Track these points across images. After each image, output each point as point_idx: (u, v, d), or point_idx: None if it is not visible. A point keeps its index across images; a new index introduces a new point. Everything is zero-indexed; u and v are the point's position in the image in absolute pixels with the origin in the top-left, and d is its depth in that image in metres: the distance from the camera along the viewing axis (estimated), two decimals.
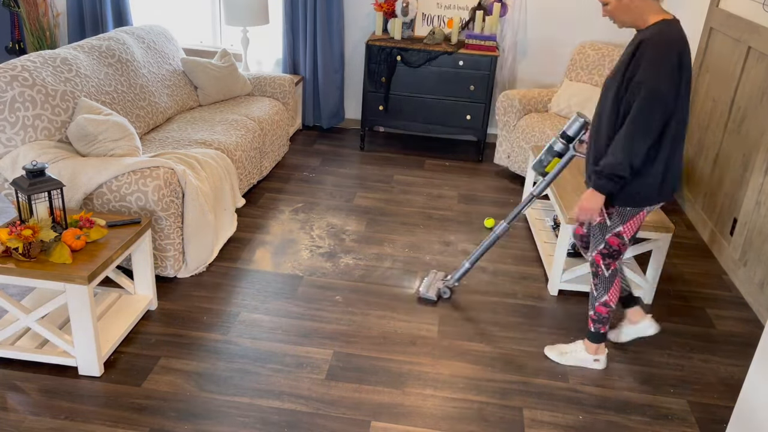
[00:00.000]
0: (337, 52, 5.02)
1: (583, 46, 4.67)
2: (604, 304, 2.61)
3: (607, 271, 2.56)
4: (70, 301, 2.34)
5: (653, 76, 2.16)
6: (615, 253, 2.51)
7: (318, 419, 2.34)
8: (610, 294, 2.59)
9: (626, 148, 2.23)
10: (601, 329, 2.66)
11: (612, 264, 2.54)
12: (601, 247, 2.53)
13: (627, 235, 2.47)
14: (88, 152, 3.01)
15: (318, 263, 3.35)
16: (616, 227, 2.46)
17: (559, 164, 2.77)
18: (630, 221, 2.44)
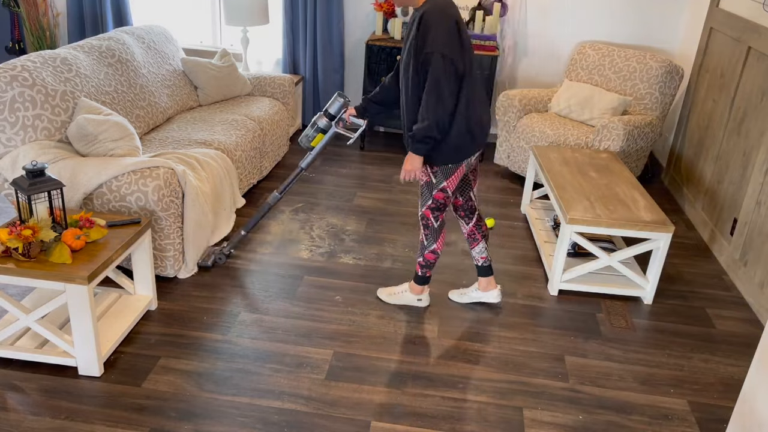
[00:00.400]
0: (337, 52, 5.02)
1: (583, 46, 4.67)
2: (432, 252, 2.89)
3: (436, 223, 2.82)
4: (70, 301, 2.34)
5: (439, 44, 2.39)
6: (441, 206, 2.77)
7: (318, 419, 2.34)
8: (437, 243, 2.87)
9: (431, 112, 2.46)
10: (426, 273, 2.97)
11: (440, 216, 2.80)
12: (429, 203, 2.77)
13: (450, 189, 2.72)
14: (88, 152, 3.01)
15: (318, 263, 3.35)
16: (441, 183, 2.70)
17: (323, 139, 3.02)
18: (452, 176, 2.68)
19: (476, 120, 2.58)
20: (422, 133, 2.49)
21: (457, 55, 2.43)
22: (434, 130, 2.48)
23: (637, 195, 3.32)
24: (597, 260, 3.15)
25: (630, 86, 4.39)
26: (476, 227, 2.96)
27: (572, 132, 4.18)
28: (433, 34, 2.39)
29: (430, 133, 2.49)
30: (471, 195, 2.90)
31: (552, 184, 3.39)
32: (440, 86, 2.43)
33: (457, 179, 2.69)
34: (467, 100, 2.53)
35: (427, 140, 2.52)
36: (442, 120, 2.48)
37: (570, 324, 3.00)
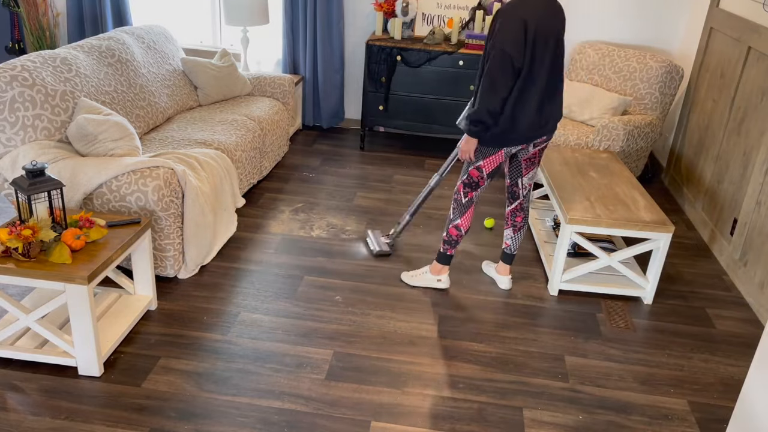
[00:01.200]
0: (337, 52, 5.02)
1: (583, 46, 4.67)
2: (456, 227, 3.03)
3: (464, 198, 2.98)
4: (70, 301, 2.34)
5: (501, 40, 2.57)
6: (474, 184, 2.93)
7: (318, 419, 2.34)
8: (462, 219, 3.01)
9: (482, 99, 2.65)
10: (448, 251, 3.10)
11: (470, 193, 2.96)
12: (464, 177, 2.95)
13: (486, 170, 2.89)
14: (88, 152, 3.01)
15: (318, 263, 3.35)
16: (478, 162, 2.88)
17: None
18: (489, 158, 2.85)
19: (524, 116, 2.73)
20: (474, 117, 2.70)
21: (518, 53, 2.58)
22: (485, 115, 2.67)
23: (637, 195, 3.32)
24: (597, 260, 3.15)
25: (630, 86, 4.39)
26: (512, 213, 3.14)
27: (572, 132, 4.18)
28: (500, 31, 2.59)
29: (480, 117, 2.68)
30: (519, 182, 3.04)
31: (552, 184, 3.39)
32: (494, 78, 2.60)
33: (493, 163, 2.86)
34: (520, 95, 2.68)
35: (478, 124, 2.70)
36: (494, 108, 2.65)
37: (570, 324, 3.00)
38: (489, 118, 2.68)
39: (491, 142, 2.79)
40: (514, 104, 2.69)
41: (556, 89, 2.78)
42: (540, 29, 2.60)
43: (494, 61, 2.59)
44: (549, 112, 2.79)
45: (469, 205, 2.98)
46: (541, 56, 2.64)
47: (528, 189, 3.07)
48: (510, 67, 2.59)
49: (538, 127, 2.78)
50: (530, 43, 2.59)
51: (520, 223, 3.14)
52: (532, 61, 2.63)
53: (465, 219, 3.01)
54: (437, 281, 3.18)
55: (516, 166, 3.00)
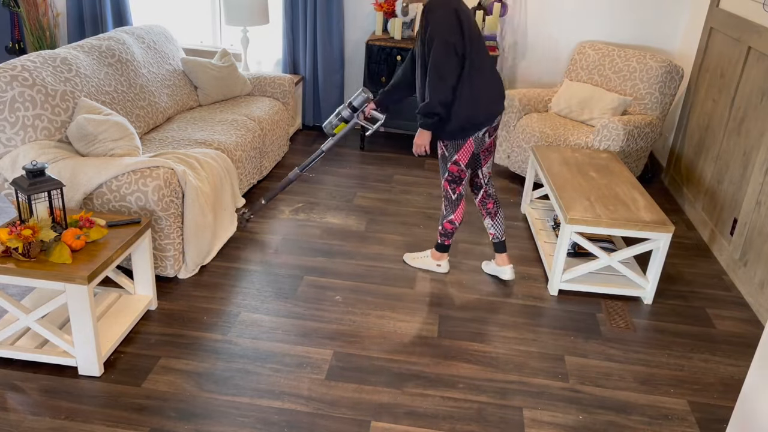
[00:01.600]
0: (337, 52, 5.02)
1: (583, 46, 4.67)
2: (450, 222, 3.17)
3: (453, 195, 3.08)
4: (70, 301, 2.34)
5: (440, 31, 2.69)
6: (457, 179, 3.03)
7: (318, 419, 2.34)
8: (455, 213, 3.14)
9: (433, 90, 2.74)
10: (445, 242, 3.27)
11: (457, 188, 3.06)
12: (446, 175, 3.05)
13: (462, 162, 2.98)
14: (88, 152, 3.01)
15: (318, 263, 3.35)
16: (453, 156, 2.97)
17: (345, 128, 3.30)
18: (461, 150, 2.94)
19: (479, 100, 2.83)
20: (426, 109, 2.80)
21: (458, 40, 2.70)
22: (437, 106, 2.77)
23: (637, 195, 3.32)
24: (597, 260, 3.15)
25: (630, 86, 4.39)
26: (482, 202, 3.23)
27: (572, 132, 4.18)
28: (435, 24, 2.70)
29: (433, 109, 2.78)
30: (479, 172, 3.15)
31: (552, 184, 3.39)
32: (441, 68, 2.71)
33: (467, 153, 2.96)
34: (470, 81, 2.79)
35: (431, 116, 2.81)
36: (445, 97, 2.75)
37: (570, 324, 3.00)
38: (441, 109, 2.78)
39: (458, 134, 2.89)
40: (469, 91, 2.80)
41: (493, 65, 2.94)
42: (466, 14, 2.77)
43: (437, 52, 2.70)
44: (500, 87, 2.93)
45: (460, 199, 3.10)
46: (476, 38, 2.79)
47: (488, 177, 3.21)
48: (454, 55, 2.71)
49: (497, 102, 2.90)
50: (466, 28, 2.74)
51: (493, 208, 3.23)
52: (471, 44, 2.76)
53: (458, 213, 3.14)
54: (437, 266, 3.34)
55: (475, 159, 3.12)
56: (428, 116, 2.81)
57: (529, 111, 4.53)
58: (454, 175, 3.01)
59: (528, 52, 5.01)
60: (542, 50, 4.99)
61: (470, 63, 2.78)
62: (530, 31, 4.94)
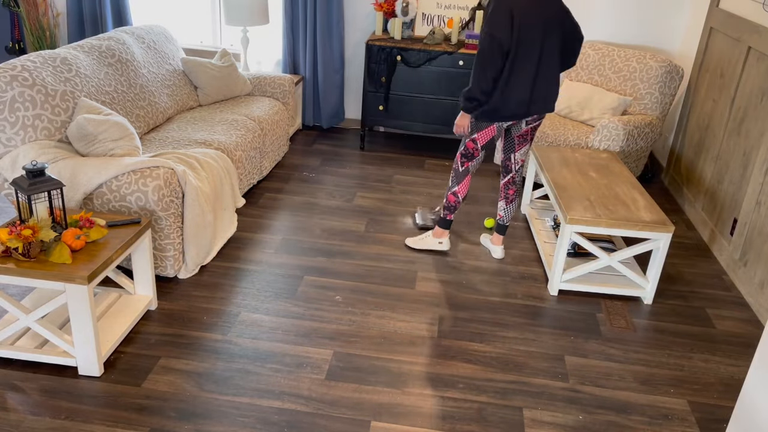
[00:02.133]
0: (337, 52, 5.02)
1: (583, 46, 4.67)
2: (454, 194, 3.39)
3: (461, 167, 3.32)
4: (70, 301, 2.34)
5: (489, 25, 2.88)
6: (470, 155, 3.27)
7: (318, 419, 2.34)
8: (460, 186, 3.36)
9: (474, 77, 2.96)
10: (447, 216, 3.45)
11: (466, 163, 3.30)
12: (462, 149, 3.29)
13: (480, 142, 3.22)
14: (88, 152, 3.01)
15: (318, 263, 3.35)
16: (473, 134, 3.21)
17: None
18: (482, 132, 3.18)
19: (509, 99, 3.02)
20: (467, 94, 3.01)
21: (505, 36, 2.87)
22: (477, 92, 2.98)
23: (637, 195, 3.32)
24: (597, 260, 3.15)
25: (630, 86, 4.39)
26: (505, 186, 3.44)
27: (572, 132, 4.18)
28: (488, 16, 2.90)
29: (473, 94, 2.99)
30: (511, 157, 3.35)
31: (552, 184, 3.39)
32: (484, 58, 2.91)
33: (487, 136, 3.19)
34: (509, 75, 2.97)
35: (471, 100, 3.02)
36: (485, 86, 2.95)
37: (570, 324, 3.00)
38: (481, 95, 2.98)
39: (483, 117, 3.11)
40: (505, 84, 2.98)
41: (550, 74, 3.05)
42: (527, 17, 2.89)
43: (483, 44, 2.90)
44: (540, 93, 3.06)
45: (466, 173, 3.32)
46: (530, 41, 2.92)
47: (520, 164, 3.36)
48: (498, 49, 2.88)
49: (526, 106, 3.05)
50: (516, 29, 2.88)
51: (512, 195, 3.44)
52: (519, 45, 2.91)
53: (462, 186, 3.35)
54: (439, 243, 3.51)
55: (509, 142, 3.30)
56: (469, 100, 3.02)
57: None
58: (468, 151, 3.25)
59: None
60: None
61: (511, 63, 2.94)
62: None
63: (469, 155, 3.26)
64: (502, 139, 3.35)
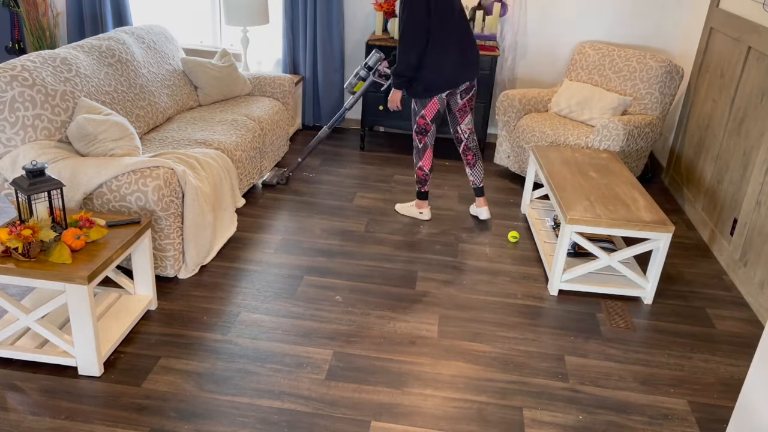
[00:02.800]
0: (337, 52, 5.02)
1: (583, 46, 4.67)
2: (420, 168, 3.76)
3: (420, 144, 3.69)
4: (70, 301, 2.34)
5: (408, 8, 3.26)
6: (423, 131, 3.63)
7: (318, 419, 2.34)
8: (423, 160, 3.73)
9: (401, 56, 3.35)
10: (421, 188, 3.82)
11: (423, 139, 3.66)
12: (415, 127, 3.65)
13: (428, 117, 3.58)
14: (88, 152, 3.01)
15: (318, 263, 3.35)
16: (420, 111, 3.57)
17: (363, 86, 3.99)
18: (427, 107, 3.54)
19: (440, 70, 3.41)
20: (395, 71, 3.42)
21: (422, 17, 3.25)
22: (405, 68, 3.38)
23: (637, 195, 3.32)
24: (597, 260, 3.15)
25: (630, 86, 4.39)
26: (463, 154, 3.81)
27: (572, 132, 4.18)
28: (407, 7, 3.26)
29: (401, 71, 3.40)
30: (458, 128, 3.73)
31: (552, 184, 3.39)
32: (407, 39, 3.29)
33: (432, 110, 3.55)
34: (435, 52, 3.36)
35: (400, 77, 3.42)
36: (410, 63, 3.35)
37: (570, 324, 3.00)
38: (408, 71, 3.38)
39: (424, 93, 3.47)
40: (433, 59, 3.37)
41: (468, 41, 3.46)
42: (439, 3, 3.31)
43: (405, 26, 3.28)
44: (466, 59, 3.46)
45: (425, 148, 3.69)
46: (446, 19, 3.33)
47: (468, 133, 3.73)
48: (417, 29, 3.26)
49: (458, 72, 3.45)
50: (433, 10, 3.28)
51: (472, 160, 3.80)
52: (437, 24, 3.31)
53: (426, 160, 3.72)
54: (420, 213, 3.89)
55: (453, 117, 3.70)
56: (397, 77, 3.42)
57: (529, 111, 4.53)
58: (420, 128, 3.62)
59: (528, 52, 5.01)
60: (542, 50, 4.99)
61: (434, 40, 3.34)
62: (530, 31, 4.94)
63: (423, 131, 3.62)
64: (448, 114, 3.73)
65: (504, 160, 4.54)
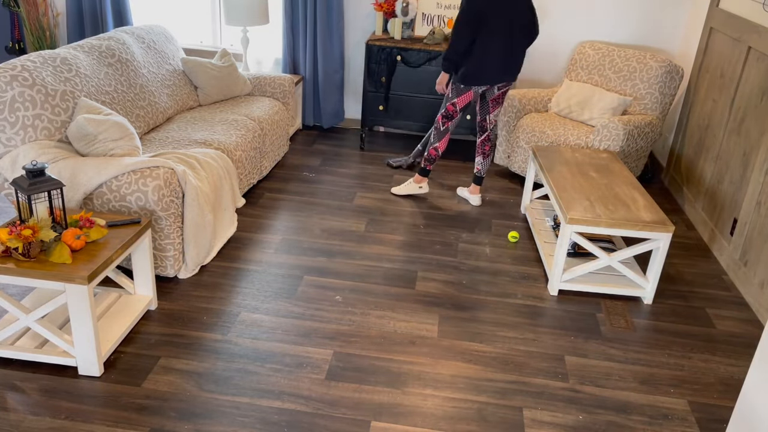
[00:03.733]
0: (337, 52, 5.02)
1: (583, 46, 4.67)
2: (435, 149, 3.97)
3: (442, 127, 3.88)
4: (70, 301, 2.34)
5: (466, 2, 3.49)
6: (450, 116, 3.84)
7: (318, 419, 2.34)
8: (440, 143, 3.94)
9: (451, 42, 3.57)
10: (427, 167, 4.05)
11: (447, 123, 3.87)
12: (443, 111, 3.84)
13: (459, 105, 3.79)
14: (88, 152, 3.01)
15: (318, 263, 3.35)
16: (453, 98, 3.78)
17: None
18: (461, 96, 3.75)
19: (483, 66, 3.61)
20: (445, 55, 3.63)
21: (474, 10, 3.47)
22: (452, 54, 3.59)
23: (637, 195, 3.32)
24: (597, 260, 3.15)
25: (630, 86, 4.39)
26: (482, 143, 4.01)
27: (572, 132, 4.18)
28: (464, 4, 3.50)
29: (449, 56, 3.61)
30: (487, 117, 3.92)
31: (552, 184, 3.39)
32: (460, 25, 3.51)
33: (465, 100, 3.76)
34: (483, 44, 3.56)
35: (447, 60, 3.63)
36: (458, 49, 3.56)
37: (570, 324, 3.00)
38: (456, 56, 3.59)
39: (465, 81, 3.67)
40: (480, 54, 3.57)
41: (519, 47, 3.65)
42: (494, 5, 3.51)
43: (459, 17, 3.51)
44: (510, 62, 3.66)
45: (446, 132, 3.90)
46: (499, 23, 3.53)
47: (494, 124, 3.94)
48: (469, 20, 3.48)
49: (500, 73, 3.66)
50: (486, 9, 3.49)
51: (488, 151, 4.02)
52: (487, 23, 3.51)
53: (442, 143, 3.94)
54: (419, 188, 4.13)
55: (484, 105, 3.88)
56: (446, 60, 3.63)
57: (529, 111, 4.53)
58: (448, 113, 3.82)
59: (528, 52, 5.00)
60: (542, 50, 4.98)
61: (481, 38, 3.54)
62: None
63: (449, 116, 3.83)
64: (478, 104, 3.89)
65: (504, 160, 4.54)
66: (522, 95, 4.49)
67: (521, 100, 4.46)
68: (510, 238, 3.73)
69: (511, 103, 4.44)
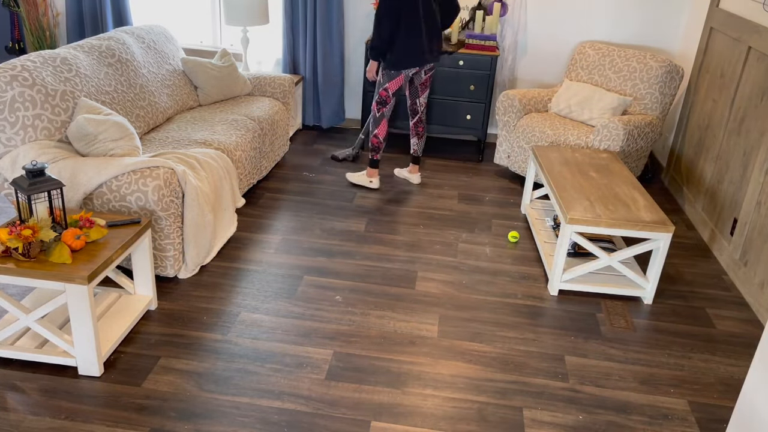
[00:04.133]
0: (337, 52, 5.02)
1: (583, 46, 4.67)
2: (375, 136, 4.08)
3: (377, 113, 4.02)
4: (70, 301, 2.34)
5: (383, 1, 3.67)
6: (383, 102, 3.98)
7: (318, 419, 2.34)
8: (378, 129, 4.05)
9: (374, 32, 3.75)
10: (374, 156, 4.15)
11: (381, 109, 4.00)
12: (376, 98, 3.99)
13: (391, 90, 3.94)
14: (88, 152, 3.01)
15: (318, 263, 3.35)
16: (385, 84, 3.93)
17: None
18: (392, 81, 3.91)
19: (406, 52, 3.80)
20: (371, 44, 3.80)
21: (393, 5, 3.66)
22: (377, 42, 3.75)
23: (637, 195, 3.32)
24: (597, 260, 3.15)
25: (630, 86, 4.39)
26: (414, 125, 4.21)
27: (572, 132, 4.18)
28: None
29: (374, 44, 3.78)
30: (417, 101, 4.12)
31: (552, 184, 3.39)
32: (381, 17, 3.69)
33: (396, 84, 3.92)
34: (405, 31, 3.75)
35: (373, 49, 3.80)
36: (383, 36, 3.72)
37: (570, 324, 3.00)
38: (381, 44, 3.75)
39: (394, 66, 3.84)
40: (404, 38, 3.75)
41: (436, 32, 3.88)
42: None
43: (379, 9, 3.68)
44: (432, 44, 3.87)
45: (382, 118, 4.02)
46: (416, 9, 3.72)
47: (423, 106, 4.14)
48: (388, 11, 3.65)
49: (425, 54, 3.84)
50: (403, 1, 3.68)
51: (422, 132, 4.22)
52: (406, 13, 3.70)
53: (381, 129, 4.05)
54: (369, 182, 4.21)
55: (414, 89, 4.08)
56: (372, 49, 3.81)
57: (529, 111, 4.53)
58: (382, 99, 3.97)
59: (528, 52, 5.01)
60: (542, 50, 4.99)
61: (403, 26, 3.73)
62: (530, 31, 4.94)
63: (383, 102, 3.97)
64: (407, 88, 4.08)
65: (504, 160, 4.54)
66: (522, 95, 4.49)
67: (521, 100, 4.46)
68: (510, 238, 3.73)
69: (511, 103, 4.44)
